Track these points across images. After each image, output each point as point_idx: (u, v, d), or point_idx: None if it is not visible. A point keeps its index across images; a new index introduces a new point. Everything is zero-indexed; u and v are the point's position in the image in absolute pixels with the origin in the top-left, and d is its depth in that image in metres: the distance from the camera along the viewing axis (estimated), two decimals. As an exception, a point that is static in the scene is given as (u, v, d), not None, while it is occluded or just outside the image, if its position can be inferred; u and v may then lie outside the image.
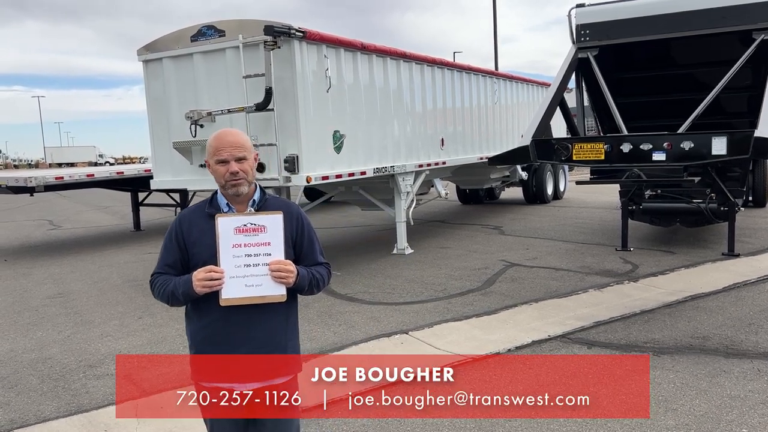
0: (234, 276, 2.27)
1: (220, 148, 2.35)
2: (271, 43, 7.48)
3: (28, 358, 5.55)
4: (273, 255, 2.30)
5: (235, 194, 2.37)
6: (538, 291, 7.03)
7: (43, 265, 10.34)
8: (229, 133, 2.42)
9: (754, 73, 8.56)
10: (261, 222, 2.29)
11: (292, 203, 2.56)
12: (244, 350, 2.35)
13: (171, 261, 2.42)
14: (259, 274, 2.28)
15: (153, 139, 8.96)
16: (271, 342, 2.39)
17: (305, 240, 2.47)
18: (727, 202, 8.46)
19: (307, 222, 2.50)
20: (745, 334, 5.30)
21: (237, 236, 2.27)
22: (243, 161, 2.35)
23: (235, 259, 2.27)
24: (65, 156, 76.11)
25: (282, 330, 2.43)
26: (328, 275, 2.52)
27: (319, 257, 2.51)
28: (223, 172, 2.34)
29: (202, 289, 2.26)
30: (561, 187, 16.89)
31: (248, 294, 2.28)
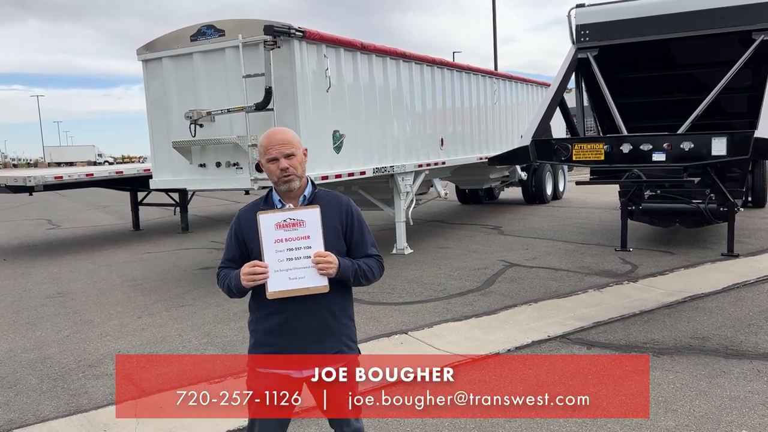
0: (278, 270, 2.38)
1: (270, 147, 2.46)
2: (270, 43, 7.48)
3: (27, 358, 5.54)
4: (313, 248, 2.38)
5: (288, 190, 2.48)
6: (537, 291, 7.03)
7: (42, 264, 10.33)
8: (277, 131, 2.52)
9: (754, 74, 8.56)
10: (299, 216, 2.38)
11: (341, 196, 2.60)
12: (298, 339, 2.46)
13: (231, 256, 2.56)
14: (301, 267, 2.38)
15: (152, 139, 8.95)
16: (324, 331, 2.49)
17: (355, 232, 2.54)
18: (726, 202, 8.46)
19: (357, 215, 2.57)
20: (744, 335, 5.30)
21: (278, 231, 2.37)
22: (292, 157, 2.45)
23: (278, 254, 2.37)
24: (64, 155, 76.10)
25: (334, 319, 2.51)
26: (379, 267, 2.57)
27: (370, 249, 2.57)
28: (274, 169, 2.45)
29: (248, 282, 2.39)
30: (560, 188, 16.90)
31: (292, 286, 2.38)
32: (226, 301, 7.22)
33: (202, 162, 8.42)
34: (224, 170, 8.26)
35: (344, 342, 2.55)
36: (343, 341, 2.54)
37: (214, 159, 8.31)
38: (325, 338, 2.49)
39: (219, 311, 6.79)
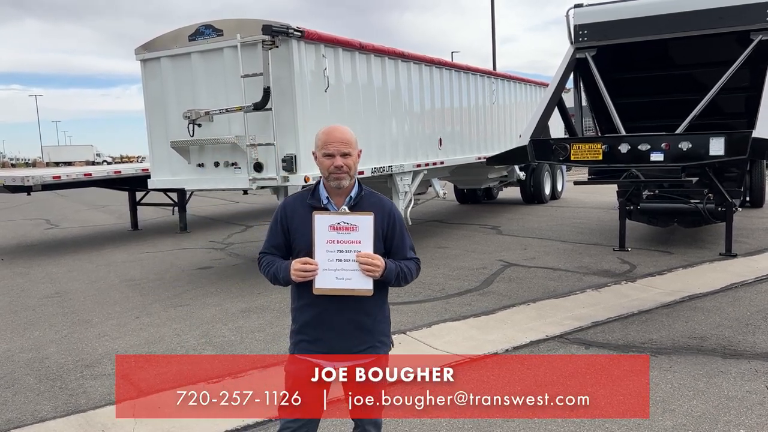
0: (327, 269, 2.48)
1: (329, 143, 2.53)
2: (269, 43, 7.48)
3: (25, 358, 5.54)
4: (362, 252, 2.47)
5: (337, 186, 2.55)
6: (536, 291, 7.03)
7: (40, 264, 10.32)
8: (337, 129, 2.59)
9: (752, 74, 8.57)
10: (353, 221, 2.47)
11: (385, 199, 2.67)
12: (335, 333, 2.56)
13: (276, 243, 2.66)
14: (349, 269, 2.47)
15: (151, 139, 8.94)
16: (360, 328, 2.57)
17: (396, 235, 2.61)
18: (724, 202, 8.47)
19: (399, 218, 2.64)
20: (742, 335, 5.31)
21: (331, 233, 2.47)
22: (348, 157, 2.53)
23: (328, 254, 2.47)
24: (63, 155, 75.97)
25: (371, 318, 2.59)
26: (417, 269, 2.65)
27: (410, 252, 2.64)
28: (328, 164, 2.52)
29: (297, 278, 2.48)
30: (559, 187, 16.91)
31: (339, 286, 2.49)
32: (225, 300, 7.22)
33: (201, 162, 8.41)
34: (222, 170, 8.25)
35: (378, 338, 2.63)
36: (377, 338, 2.62)
37: (212, 159, 8.31)
38: (357, 334, 2.58)
39: (217, 311, 6.79)
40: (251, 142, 7.78)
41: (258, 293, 7.50)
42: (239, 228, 13.99)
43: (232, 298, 7.31)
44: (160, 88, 8.59)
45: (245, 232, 13.26)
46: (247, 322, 6.33)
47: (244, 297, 7.35)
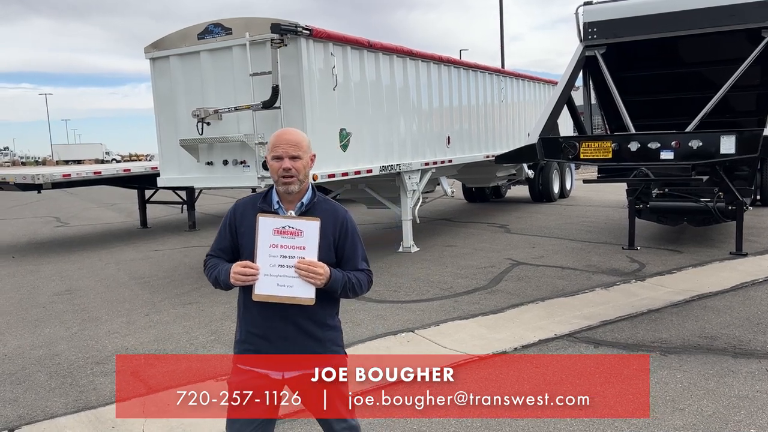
0: (268, 274, 2.37)
1: (277, 145, 2.45)
2: (277, 41, 7.49)
3: (35, 355, 5.58)
4: (306, 259, 2.36)
5: (286, 191, 2.45)
6: (544, 290, 7.01)
7: (50, 261, 10.39)
8: (288, 131, 2.51)
9: (763, 72, 8.52)
10: (299, 226, 2.37)
11: (339, 207, 2.57)
12: (277, 342, 2.45)
13: (223, 245, 2.56)
14: (291, 276, 2.36)
15: (160, 137, 8.97)
16: (308, 336, 2.47)
17: (347, 245, 2.51)
18: (735, 201, 8.41)
19: (352, 228, 2.54)
20: (753, 334, 5.28)
21: (275, 237, 2.36)
22: (297, 159, 2.43)
23: (270, 258, 2.36)
24: (72, 153, 76.40)
25: (316, 326, 2.48)
26: (368, 282, 2.55)
27: (361, 263, 2.54)
28: (277, 167, 2.43)
29: (236, 281, 2.37)
30: (567, 186, 16.85)
31: (279, 293, 2.37)
32: (234, 298, 7.20)
33: (210, 160, 8.44)
34: (231, 168, 8.28)
35: (328, 347, 2.53)
36: (328, 347, 2.52)
37: (221, 157, 8.34)
38: (304, 343, 2.47)
39: (226, 308, 6.81)
40: (260, 140, 7.79)
41: (266, 291, 7.51)
42: (248, 226, 14.00)
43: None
44: (169, 86, 8.62)
45: (254, 230, 13.27)
46: (255, 319, 6.34)
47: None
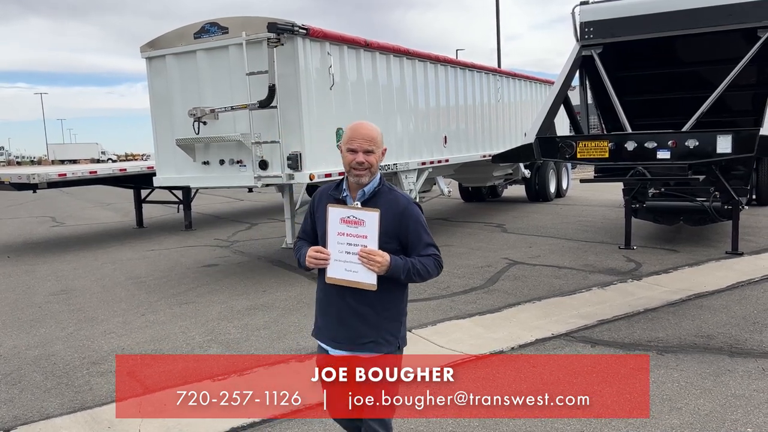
0: (338, 259, 2.57)
1: (353, 138, 2.59)
2: (274, 41, 7.47)
3: (31, 355, 5.56)
4: (368, 248, 2.53)
5: (357, 182, 2.61)
6: (541, 289, 7.02)
7: (46, 261, 10.35)
8: (364, 126, 2.65)
9: (759, 71, 8.54)
10: (360, 216, 2.54)
11: (401, 196, 2.68)
12: (337, 322, 2.65)
13: (306, 229, 2.81)
14: (356, 262, 2.54)
15: (156, 137, 8.95)
16: (362, 320, 2.62)
17: (410, 233, 2.62)
18: (731, 200, 8.43)
19: (414, 216, 2.64)
20: (749, 333, 5.29)
21: (341, 225, 2.56)
22: (370, 154, 2.58)
23: (339, 245, 2.57)
24: (68, 153, 76.22)
25: (375, 312, 2.62)
26: (436, 265, 2.65)
27: (426, 249, 2.64)
28: (350, 159, 2.59)
29: (310, 264, 2.60)
30: (564, 185, 16.86)
31: (346, 277, 2.57)
32: (231, 298, 7.23)
33: (206, 159, 8.42)
34: (228, 168, 8.26)
35: (381, 335, 2.63)
36: (380, 334, 2.63)
37: (217, 156, 8.32)
38: (358, 326, 2.62)
39: (223, 309, 6.80)
40: (256, 139, 7.78)
41: (263, 291, 7.51)
42: (244, 226, 14.00)
43: (238, 296, 7.32)
44: (166, 85, 8.60)
45: (250, 230, 13.28)
46: (252, 319, 6.34)
47: (250, 294, 7.36)
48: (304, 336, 5.72)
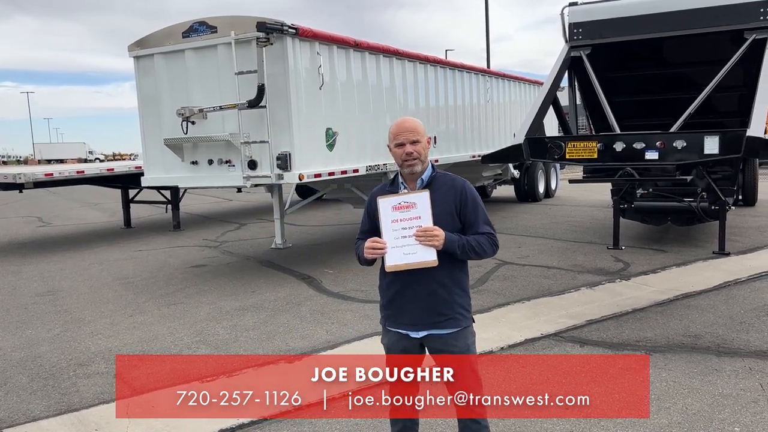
0: (395, 246, 2.69)
1: (398, 134, 2.76)
2: (263, 40, 7.44)
3: (17, 357, 5.50)
4: (423, 227, 2.65)
5: (410, 172, 2.77)
6: (530, 289, 7.04)
7: (32, 262, 10.26)
8: (406, 120, 2.82)
9: (746, 73, 8.60)
10: (411, 200, 2.67)
11: (457, 178, 2.86)
12: (414, 306, 2.76)
13: (365, 228, 2.91)
14: (413, 243, 2.67)
15: (144, 136, 8.89)
16: (435, 298, 2.75)
17: (469, 211, 2.78)
18: (717, 200, 8.49)
19: (471, 195, 2.81)
20: (736, 333, 5.32)
21: (394, 213, 2.68)
22: (416, 144, 2.74)
23: (394, 233, 2.68)
24: (54, 152, 75.51)
25: (446, 288, 2.76)
26: (491, 243, 2.78)
27: (483, 227, 2.78)
28: (400, 153, 2.76)
29: (368, 255, 2.74)
30: (553, 186, 16.93)
31: (406, 261, 2.68)
32: (219, 299, 7.19)
33: (194, 159, 8.38)
34: (216, 168, 8.22)
35: (456, 311, 2.78)
36: (455, 309, 2.77)
37: (206, 156, 8.27)
38: (434, 306, 2.74)
39: (212, 309, 6.76)
40: (245, 139, 7.75)
41: (252, 291, 7.48)
42: (233, 226, 13.94)
43: (226, 297, 7.28)
44: (154, 85, 8.54)
45: (239, 230, 13.23)
46: (241, 320, 6.31)
47: (238, 295, 7.33)
48: (293, 336, 5.71)
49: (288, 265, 8.99)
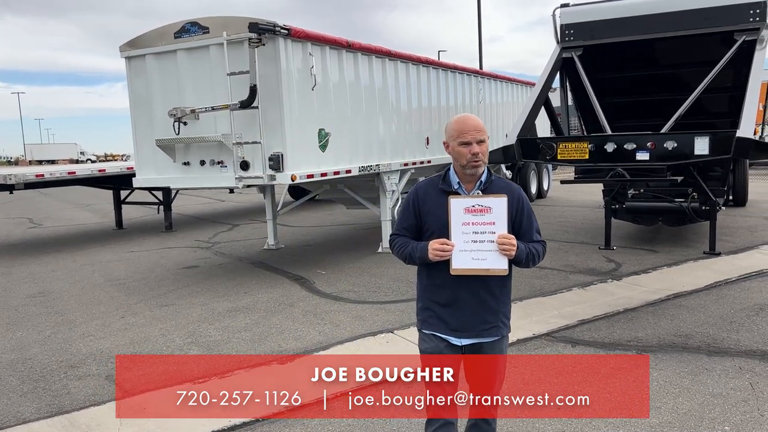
0: (463, 249, 2.60)
1: (465, 132, 2.65)
2: (255, 41, 7.43)
3: (7, 359, 5.46)
4: (497, 233, 2.59)
5: (474, 174, 2.67)
6: (522, 289, 7.05)
7: (23, 263, 10.19)
8: (471, 117, 2.72)
9: (736, 74, 8.65)
10: (488, 204, 2.59)
11: (513, 185, 2.80)
12: (463, 312, 2.69)
13: (407, 224, 2.79)
14: (484, 249, 2.59)
15: (136, 137, 8.85)
16: (484, 306, 2.70)
17: (524, 219, 2.73)
18: (708, 201, 8.54)
19: (526, 203, 2.76)
20: (726, 332, 5.36)
21: (466, 215, 2.59)
22: (482, 144, 2.65)
23: (464, 235, 2.60)
24: (46, 153, 75.10)
25: (495, 297, 2.72)
26: (544, 252, 2.78)
27: (536, 235, 2.77)
28: (466, 152, 2.64)
29: (434, 257, 2.61)
30: (544, 186, 16.99)
31: (474, 266, 2.61)
32: (211, 300, 7.17)
33: (186, 160, 8.35)
34: (209, 169, 8.20)
35: (500, 318, 2.75)
36: (499, 318, 2.75)
37: (198, 157, 8.25)
38: (483, 314, 2.70)
39: (204, 311, 6.75)
40: (237, 140, 7.73)
41: (244, 293, 7.46)
42: (225, 227, 13.91)
43: (219, 298, 7.26)
44: (146, 85, 8.51)
45: (231, 231, 13.19)
46: (233, 321, 6.29)
47: (231, 296, 7.31)
48: (285, 338, 5.70)
49: (280, 266, 8.98)
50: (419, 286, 2.83)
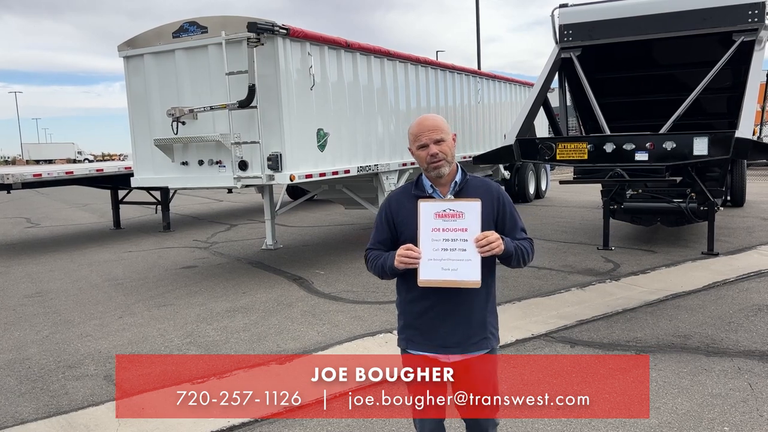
0: (432, 258, 2.37)
1: (419, 134, 2.49)
2: (254, 40, 7.42)
3: (5, 359, 5.45)
4: (469, 241, 2.35)
5: (437, 176, 2.49)
6: (521, 290, 7.05)
7: (20, 263, 10.17)
8: (427, 118, 2.54)
9: (734, 75, 8.66)
10: (459, 208, 2.37)
11: (492, 183, 2.62)
12: (447, 327, 2.50)
13: (381, 238, 2.59)
14: (455, 259, 2.36)
15: (134, 137, 8.84)
16: (470, 318, 2.52)
17: (507, 218, 2.56)
18: (706, 201, 8.55)
19: (508, 201, 2.59)
20: (725, 333, 5.36)
21: (436, 221, 2.37)
22: (441, 143, 2.47)
23: (433, 243, 2.36)
24: (43, 153, 74.94)
25: (480, 308, 2.54)
26: (532, 249, 2.59)
27: (520, 233, 2.59)
28: (424, 156, 2.48)
29: (400, 264, 2.39)
30: (543, 187, 16.99)
31: (444, 277, 2.37)
32: (209, 300, 7.16)
33: (185, 160, 8.34)
34: (207, 168, 8.19)
35: (489, 330, 2.58)
36: (487, 329, 2.58)
37: (196, 157, 8.24)
38: (468, 328, 2.52)
39: (202, 311, 6.73)
40: (236, 140, 7.72)
41: (243, 293, 7.45)
42: (223, 227, 13.89)
43: (217, 298, 7.25)
44: (144, 85, 8.50)
45: (229, 231, 13.18)
46: (231, 321, 6.28)
47: (229, 296, 7.30)
48: (284, 338, 5.69)
49: (279, 266, 8.97)
50: (399, 301, 2.64)
